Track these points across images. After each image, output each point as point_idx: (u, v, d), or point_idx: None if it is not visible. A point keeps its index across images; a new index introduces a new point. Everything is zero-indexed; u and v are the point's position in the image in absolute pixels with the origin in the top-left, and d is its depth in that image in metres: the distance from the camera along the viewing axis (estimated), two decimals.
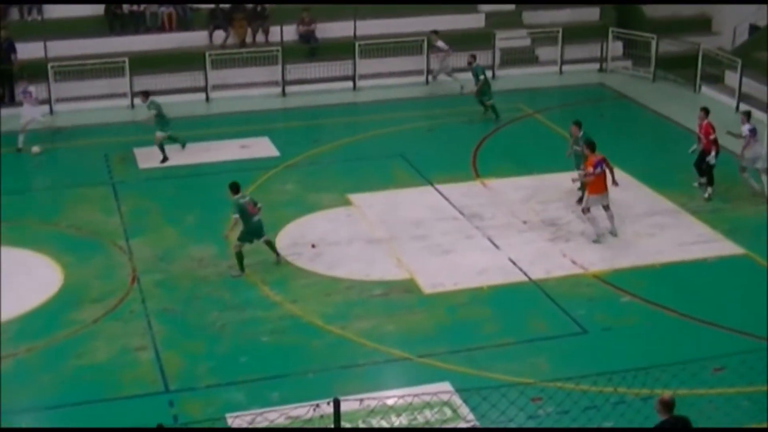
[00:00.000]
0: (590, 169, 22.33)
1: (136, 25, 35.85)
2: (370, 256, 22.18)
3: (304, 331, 19.28)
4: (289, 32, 35.68)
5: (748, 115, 25.44)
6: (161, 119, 28.11)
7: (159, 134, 27.89)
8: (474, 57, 31.76)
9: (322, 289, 20.87)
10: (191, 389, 17.45)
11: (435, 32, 34.30)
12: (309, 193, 25.61)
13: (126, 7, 35.83)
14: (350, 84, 34.63)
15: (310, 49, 35.63)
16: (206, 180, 26.72)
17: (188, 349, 18.70)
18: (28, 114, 29.35)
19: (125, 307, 19.98)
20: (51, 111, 32.09)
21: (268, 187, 26.15)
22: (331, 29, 36.16)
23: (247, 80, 34.04)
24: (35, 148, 28.63)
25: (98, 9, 35.67)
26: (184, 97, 33.10)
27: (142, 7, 35.86)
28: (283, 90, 33.92)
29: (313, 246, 22.64)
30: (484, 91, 31.24)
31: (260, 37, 36.03)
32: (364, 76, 34.68)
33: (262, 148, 29.14)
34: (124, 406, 16.96)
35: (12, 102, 32.96)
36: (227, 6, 35.89)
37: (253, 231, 21.41)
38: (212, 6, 35.89)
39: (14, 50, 32.96)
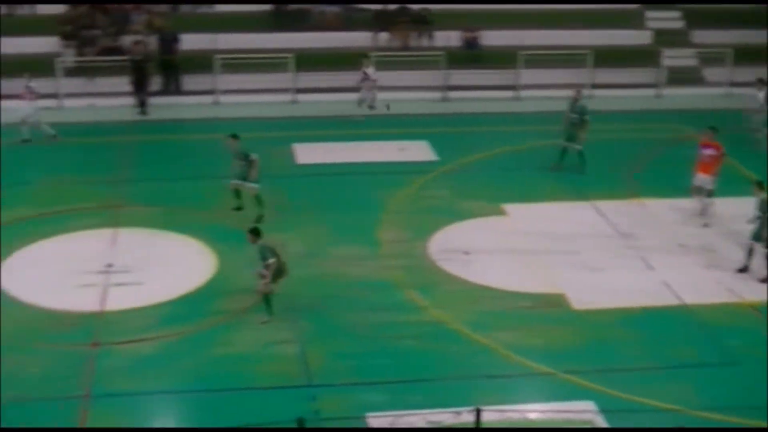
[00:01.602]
0: None
1: (301, 22, 36.26)
2: (521, 268, 21.99)
3: (449, 337, 19.19)
4: (453, 38, 35.69)
5: None
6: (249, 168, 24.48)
7: (251, 186, 24.50)
8: (579, 92, 28.48)
9: (469, 297, 20.77)
10: (333, 386, 17.51)
11: (366, 56, 32.30)
12: (463, 200, 25.52)
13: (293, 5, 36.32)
14: (512, 93, 34.45)
15: (472, 55, 35.58)
16: (362, 179, 26.88)
17: (332, 346, 18.78)
18: (27, 109, 29.78)
19: (274, 300, 20.15)
20: (216, 102, 32.71)
21: (422, 191, 26.17)
22: (495, 37, 36.08)
23: (408, 83, 34.12)
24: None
25: (266, 5, 36.19)
26: (346, 96, 33.35)
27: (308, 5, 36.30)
28: (445, 95, 33.93)
29: (465, 253, 22.55)
30: (573, 134, 27.66)
31: (424, 42, 36.13)
32: (526, 86, 34.46)
33: (420, 151, 29.19)
34: (265, 397, 17.13)
35: (178, 91, 33.76)
36: (393, 8, 36.05)
37: (281, 272, 19.86)
38: (379, 7, 36.10)
39: (177, 41, 33.70)
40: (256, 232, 19.67)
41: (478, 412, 11.70)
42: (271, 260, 19.38)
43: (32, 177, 26.99)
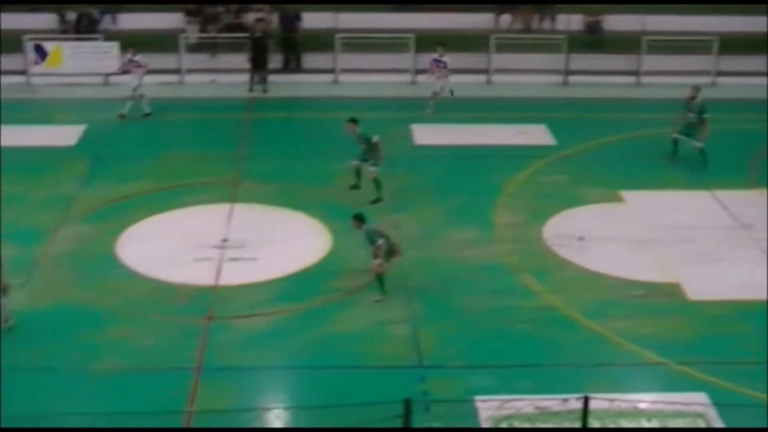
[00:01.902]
0: None
1: (423, 3, 36.19)
2: (636, 256, 21.68)
3: (561, 323, 19.02)
4: (575, 22, 35.30)
5: None
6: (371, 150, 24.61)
7: (372, 169, 24.47)
8: (698, 90, 27.15)
9: (583, 284, 20.54)
10: (442, 368, 17.47)
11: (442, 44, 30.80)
12: (580, 186, 25.25)
13: None
14: (633, 79, 33.97)
15: (594, 40, 35.16)
16: (479, 162, 26.75)
17: (443, 328, 18.74)
18: (134, 82, 30.03)
19: (386, 280, 20.16)
20: (335, 81, 32.91)
21: (539, 175, 25.96)
22: (619, 22, 35.59)
23: (529, 66, 33.85)
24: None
25: None
26: (466, 78, 33.24)
27: None
28: (565, 79, 33.62)
29: (580, 239, 22.32)
30: (692, 131, 26.79)
31: (546, 24, 35.82)
32: (649, 73, 33.94)
33: (539, 135, 28.97)
34: (375, 376, 17.18)
35: (298, 69, 34.00)
36: None
37: (391, 252, 19.93)
38: None
39: (299, 19, 33.90)
40: (359, 218, 19.72)
41: (586, 399, 11.56)
42: (380, 241, 19.38)
43: (152, 151, 27.43)
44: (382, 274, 19.66)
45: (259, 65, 32.70)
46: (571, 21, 34.99)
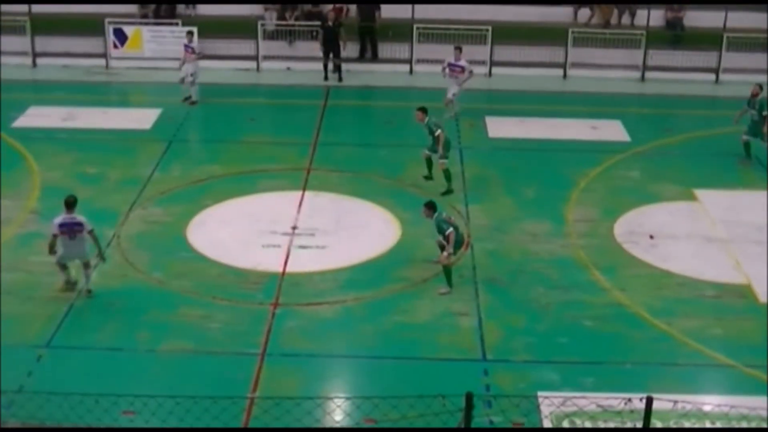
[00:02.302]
0: None
1: None
2: (707, 255, 21.44)
3: (629, 321, 18.86)
4: (657, 17, 34.92)
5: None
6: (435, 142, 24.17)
7: (441, 161, 24.12)
8: (761, 87, 26.92)
9: (652, 282, 20.35)
10: (506, 361, 17.43)
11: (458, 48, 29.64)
12: (653, 183, 25.01)
13: None
14: (712, 76, 33.56)
15: (674, 36, 34.77)
16: (552, 156, 26.64)
17: (509, 321, 18.68)
18: (189, 69, 30.04)
19: (454, 271, 20.11)
20: (411, 71, 32.93)
21: (612, 171, 25.75)
22: (700, 18, 35.10)
23: (606, 61, 33.56)
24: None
25: None
26: (542, 71, 33.10)
27: None
28: (642, 75, 33.31)
29: (651, 237, 22.12)
30: (756, 130, 26.42)
31: (626, 20, 35.48)
32: (728, 70, 33.49)
33: (613, 131, 28.71)
34: (438, 368, 17.16)
35: (374, 58, 34.04)
36: None
37: (460, 243, 20.02)
38: None
39: (378, 9, 33.92)
40: (431, 206, 19.64)
41: (650, 400, 11.44)
42: (449, 230, 19.33)
43: (226, 136, 27.62)
44: (450, 266, 19.63)
45: (330, 53, 32.78)
46: (652, 17, 34.56)
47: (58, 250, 18.79)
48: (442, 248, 19.48)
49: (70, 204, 18.65)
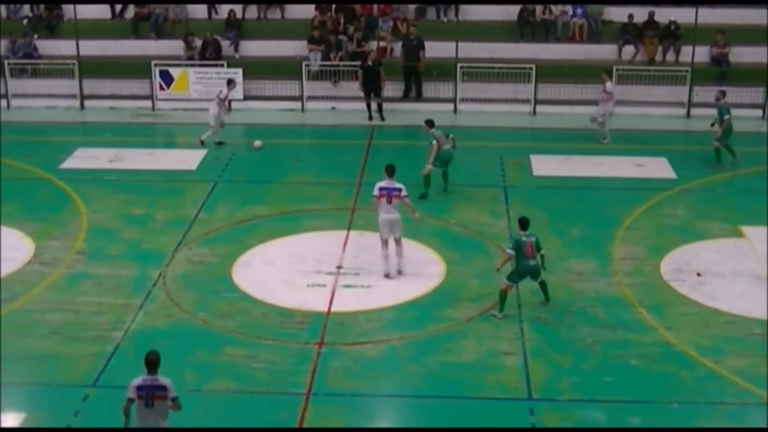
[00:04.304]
0: None
1: (546, 33, 36.18)
2: (755, 293, 21.21)
3: (676, 359, 18.69)
4: (702, 54, 34.82)
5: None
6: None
7: (428, 167, 25.92)
8: (723, 93, 28.99)
9: (700, 320, 20.18)
10: (553, 400, 17.32)
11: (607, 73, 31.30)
12: (700, 220, 24.87)
13: (539, 15, 36.23)
14: (759, 112, 33.38)
15: (720, 72, 34.63)
16: (597, 194, 26.57)
17: (555, 360, 18.57)
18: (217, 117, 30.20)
19: (508, 298, 20.06)
20: (455, 110, 32.98)
21: (658, 209, 25.63)
22: (745, 54, 34.96)
23: (651, 98, 33.49)
24: (257, 143, 29.79)
25: (511, 14, 36.28)
26: (586, 109, 33.03)
27: (554, 16, 36.14)
28: (688, 112, 33.17)
29: (698, 275, 21.96)
30: (726, 131, 28.48)
31: (670, 56, 35.41)
32: None
33: (659, 168, 28.60)
34: (484, 407, 17.08)
35: (418, 97, 34.15)
36: (640, 22, 35.51)
37: (524, 273, 20.08)
38: (625, 21, 35.64)
39: (423, 48, 34.06)
40: (429, 123, 23.79)
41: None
42: (510, 251, 19.78)
43: (271, 177, 27.78)
44: (506, 292, 19.83)
45: (372, 93, 32.92)
46: (697, 53, 34.47)
47: (131, 419, 15.05)
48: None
49: (153, 363, 14.95)
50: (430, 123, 25.86)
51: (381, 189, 21.31)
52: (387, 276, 21.52)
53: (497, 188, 26.52)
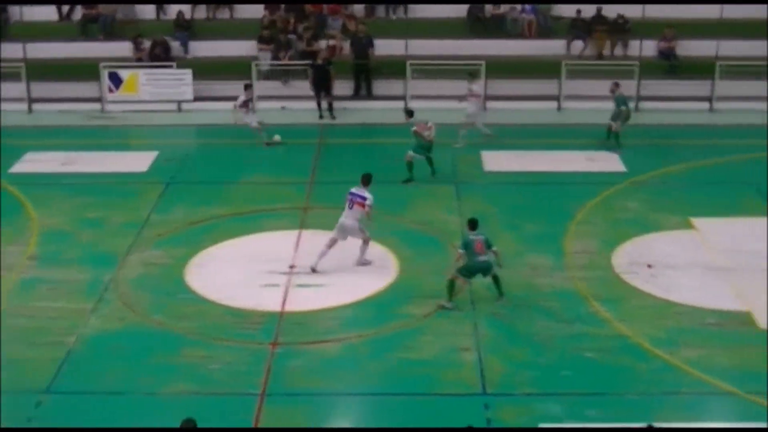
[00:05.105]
0: None
1: (496, 29, 36.25)
2: (708, 284, 21.42)
3: (631, 352, 18.82)
4: (649, 47, 35.08)
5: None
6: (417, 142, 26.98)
7: (411, 153, 26.94)
8: (617, 85, 29.99)
9: (654, 312, 20.33)
10: (509, 395, 17.37)
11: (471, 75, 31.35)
12: (651, 213, 25.05)
13: (489, 11, 36.33)
14: (707, 105, 33.67)
15: (669, 66, 34.89)
16: (549, 189, 26.67)
17: (511, 355, 18.64)
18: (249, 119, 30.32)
19: (459, 305, 20.14)
20: (405, 107, 32.92)
21: (610, 202, 25.79)
22: (693, 47, 35.26)
23: (601, 93, 33.60)
24: (277, 137, 30.13)
25: (461, 11, 36.39)
26: (536, 104, 33.19)
27: (503, 12, 36.23)
28: (636, 105, 33.37)
29: (649, 266, 22.12)
30: (625, 120, 29.62)
31: (619, 51, 35.64)
32: (722, 98, 33.59)
33: (610, 162, 28.78)
34: (441, 403, 17.13)
35: (369, 95, 34.15)
36: (589, 17, 35.72)
37: (474, 269, 20.28)
38: (574, 16, 35.81)
39: (372, 46, 34.08)
40: (409, 113, 23.04)
41: (651, 428, 11.42)
42: (460, 251, 20.03)
43: (223, 177, 27.66)
44: (454, 281, 20.06)
45: (322, 92, 32.91)
46: (645, 47, 34.71)
47: None
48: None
49: None
50: (409, 113, 26.90)
51: (349, 193, 21.85)
52: (313, 270, 21.66)
53: (450, 184, 26.56)
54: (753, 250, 22.88)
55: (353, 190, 21.89)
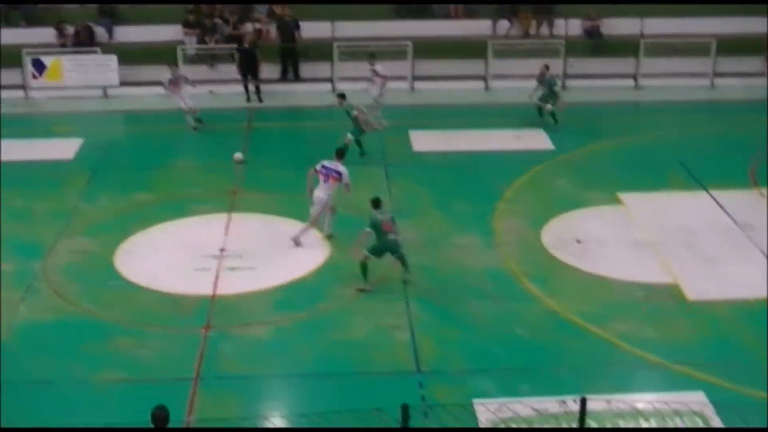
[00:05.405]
0: None
1: (423, 11, 36.30)
2: (636, 258, 21.67)
3: (561, 327, 18.99)
4: (575, 27, 35.34)
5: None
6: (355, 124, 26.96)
7: (349, 137, 26.79)
8: (547, 67, 30.35)
9: (583, 287, 20.52)
10: (442, 372, 17.45)
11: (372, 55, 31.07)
12: (579, 189, 25.27)
13: None
14: (632, 82, 34.02)
15: (594, 44, 35.18)
16: (478, 168, 26.81)
17: (443, 334, 18.72)
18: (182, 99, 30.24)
19: (386, 286, 20.21)
20: (333, 89, 32.89)
21: (538, 179, 25.99)
22: (617, 26, 35.61)
23: (528, 72, 33.80)
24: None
25: None
26: (464, 84, 33.35)
27: None
28: (563, 84, 33.60)
29: (578, 242, 22.32)
30: (552, 102, 29.87)
31: (545, 30, 35.86)
32: (647, 75, 33.97)
33: (538, 140, 29.00)
34: (375, 382, 17.16)
35: (296, 78, 34.08)
36: None
37: (384, 249, 20.30)
38: None
39: (298, 28, 34.02)
40: (342, 96, 21.60)
41: (584, 401, 11.56)
42: (366, 230, 19.96)
43: (151, 163, 27.49)
44: (365, 262, 20.05)
45: (249, 75, 32.78)
46: (570, 26, 34.98)
47: None
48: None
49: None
50: (342, 96, 26.92)
51: (323, 167, 22.10)
52: (296, 243, 22.08)
53: (379, 166, 26.61)
54: (679, 224, 23.19)
55: (326, 163, 22.13)
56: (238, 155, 24.20)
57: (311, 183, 22.16)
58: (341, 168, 22.09)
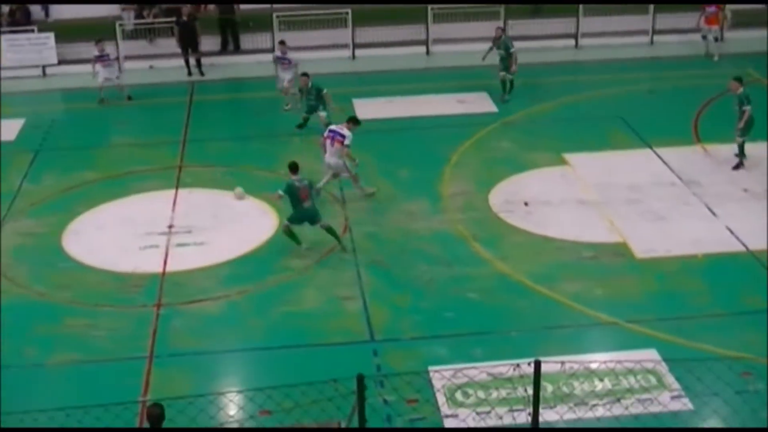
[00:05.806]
0: None
1: None
2: (583, 218, 21.83)
3: (512, 289, 19.13)
4: None
5: None
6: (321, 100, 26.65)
7: (322, 114, 26.53)
8: (502, 30, 30.54)
9: (532, 249, 20.65)
10: (396, 340, 17.53)
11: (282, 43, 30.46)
12: (524, 151, 25.38)
13: None
14: (572, 42, 34.14)
15: (533, 7, 35.23)
16: (422, 133, 26.84)
17: (395, 301, 18.79)
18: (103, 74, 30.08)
19: (336, 256, 20.23)
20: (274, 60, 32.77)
21: (483, 143, 26.05)
22: None
23: (468, 35, 33.86)
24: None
25: None
26: (405, 50, 33.32)
27: None
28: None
29: (526, 204, 22.44)
30: (506, 65, 29.13)
31: None
32: (587, 35, 34.11)
33: (481, 103, 29.05)
34: (329, 353, 17.19)
35: (237, 50, 33.88)
36: None
37: (302, 217, 20.46)
38: None
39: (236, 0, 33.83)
40: (291, 168, 20.41)
41: (538, 363, 11.64)
42: (279, 192, 20.30)
43: (94, 141, 27.26)
44: (289, 229, 20.34)
45: (189, 48, 32.56)
46: None
47: None
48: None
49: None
50: (306, 75, 26.87)
51: (329, 131, 22.67)
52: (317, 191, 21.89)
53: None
54: (625, 182, 23.36)
55: (333, 127, 22.67)
56: (238, 190, 22.52)
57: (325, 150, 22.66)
58: (345, 131, 22.43)
